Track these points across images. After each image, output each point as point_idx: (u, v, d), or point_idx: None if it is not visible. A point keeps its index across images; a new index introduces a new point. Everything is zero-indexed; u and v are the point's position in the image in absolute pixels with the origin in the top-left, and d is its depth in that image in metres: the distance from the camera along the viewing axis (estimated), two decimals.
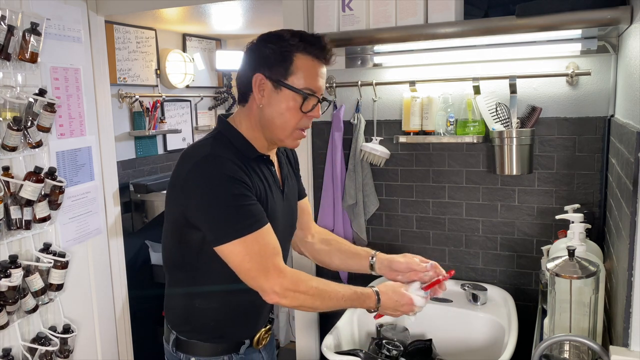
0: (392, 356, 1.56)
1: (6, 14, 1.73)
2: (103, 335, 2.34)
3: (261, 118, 1.25)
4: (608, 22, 1.42)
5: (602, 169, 1.73)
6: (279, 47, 1.20)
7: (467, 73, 1.83)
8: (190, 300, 1.32)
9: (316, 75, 1.23)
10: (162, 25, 3.21)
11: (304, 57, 1.21)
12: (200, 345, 1.33)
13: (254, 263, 1.17)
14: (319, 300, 1.22)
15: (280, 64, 1.20)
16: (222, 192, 1.16)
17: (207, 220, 1.19)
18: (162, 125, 3.25)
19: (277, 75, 1.20)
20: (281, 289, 1.17)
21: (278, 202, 1.33)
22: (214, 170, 1.17)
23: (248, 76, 1.23)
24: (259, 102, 1.23)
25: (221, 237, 1.17)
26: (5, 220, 1.77)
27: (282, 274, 1.18)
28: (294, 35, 1.21)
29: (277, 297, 1.17)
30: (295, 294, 1.19)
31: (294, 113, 1.23)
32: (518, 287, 1.91)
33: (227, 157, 1.19)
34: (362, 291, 1.29)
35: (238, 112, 1.31)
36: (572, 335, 1.14)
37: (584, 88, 1.74)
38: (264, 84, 1.22)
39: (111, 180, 2.42)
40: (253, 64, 1.23)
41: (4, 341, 1.82)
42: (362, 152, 2.00)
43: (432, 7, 1.66)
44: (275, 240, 1.22)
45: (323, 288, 1.22)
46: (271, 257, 1.18)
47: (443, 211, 2.00)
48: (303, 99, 1.22)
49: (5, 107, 1.76)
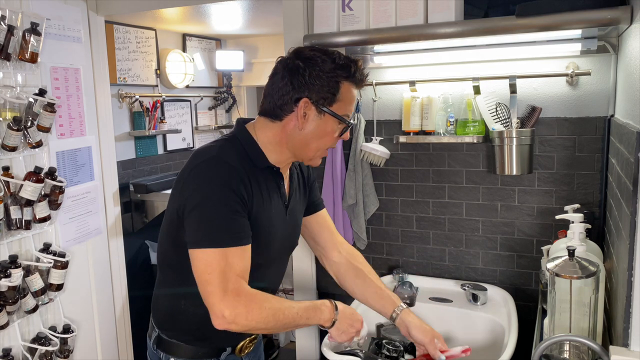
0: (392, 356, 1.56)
1: (6, 14, 1.73)
2: (103, 335, 2.34)
3: (296, 138, 1.25)
4: (608, 22, 1.42)
5: (602, 169, 1.73)
6: (327, 74, 1.20)
7: (467, 73, 1.84)
8: (177, 300, 1.31)
9: (353, 101, 1.27)
10: (162, 25, 3.21)
11: (348, 86, 1.23)
12: (181, 347, 1.33)
13: (214, 277, 1.13)
14: (272, 321, 1.17)
15: (328, 90, 1.21)
16: (213, 196, 1.15)
17: (190, 220, 1.17)
18: (162, 125, 3.25)
19: (324, 101, 1.21)
20: (232, 314, 1.12)
21: (278, 217, 1.31)
22: (213, 174, 1.16)
23: (291, 96, 1.21)
24: (300, 125, 1.23)
25: (195, 240, 1.15)
26: (5, 220, 1.77)
27: (237, 299, 1.13)
28: (337, 61, 1.22)
29: (224, 322, 1.13)
30: (247, 317, 1.14)
31: (331, 137, 1.26)
32: (518, 287, 1.91)
33: (231, 163, 1.18)
34: (315, 302, 1.27)
35: (262, 123, 1.28)
36: (572, 335, 1.14)
37: (584, 88, 1.74)
38: (308, 108, 1.21)
39: (111, 180, 2.42)
40: (298, 86, 1.20)
41: (4, 341, 1.82)
42: (362, 152, 2.00)
43: (432, 7, 1.66)
44: (247, 262, 1.18)
45: (277, 308, 1.18)
46: (235, 278, 1.14)
47: (443, 211, 2.00)
48: (343, 126, 1.26)
49: (5, 107, 1.77)
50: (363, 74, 1.26)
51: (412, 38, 1.69)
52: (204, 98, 3.67)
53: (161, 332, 1.35)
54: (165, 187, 2.98)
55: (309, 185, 1.48)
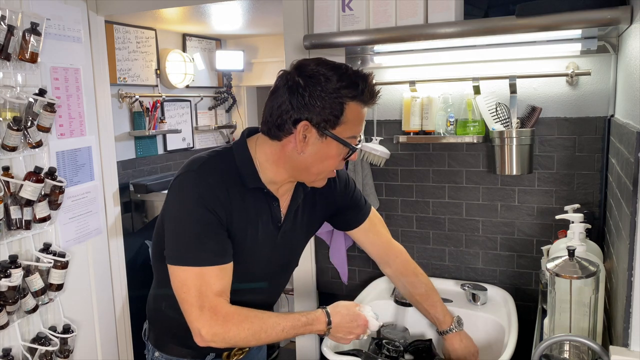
0: (392, 356, 1.56)
1: (6, 14, 1.73)
2: (103, 335, 2.34)
3: (295, 161, 1.16)
4: (608, 22, 1.42)
5: (602, 169, 1.73)
6: (330, 95, 1.08)
7: (467, 73, 1.83)
8: (160, 302, 1.33)
9: (362, 121, 1.16)
10: (162, 25, 3.21)
11: (355, 106, 1.11)
12: (166, 344, 1.34)
13: (191, 296, 1.10)
14: (254, 339, 1.14)
15: (330, 113, 1.09)
16: (190, 215, 1.11)
17: (168, 235, 1.15)
18: (162, 125, 3.25)
19: (325, 124, 1.10)
20: (208, 332, 1.10)
21: (267, 238, 1.24)
22: (191, 190, 1.12)
23: (289, 116, 1.11)
24: (300, 149, 1.13)
25: (172, 257, 1.13)
26: (5, 220, 1.77)
27: (215, 317, 1.10)
28: (342, 78, 1.09)
29: (202, 340, 1.11)
30: (224, 337, 1.11)
31: (334, 160, 1.16)
32: (518, 287, 1.91)
33: (210, 180, 1.13)
34: (307, 316, 1.19)
35: (262, 140, 1.20)
36: (572, 335, 1.14)
37: (584, 88, 1.74)
38: (308, 131, 1.11)
39: (111, 180, 2.42)
40: (297, 107, 1.10)
41: (4, 341, 1.82)
42: (362, 152, 2.00)
43: (432, 7, 1.66)
44: (226, 282, 1.14)
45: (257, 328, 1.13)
46: (212, 297, 1.10)
47: (443, 211, 2.00)
48: (348, 150, 1.15)
49: (5, 107, 1.77)
50: (373, 91, 1.13)
51: (412, 38, 1.69)
52: (204, 98, 3.67)
53: (149, 325, 1.39)
54: (165, 187, 2.97)
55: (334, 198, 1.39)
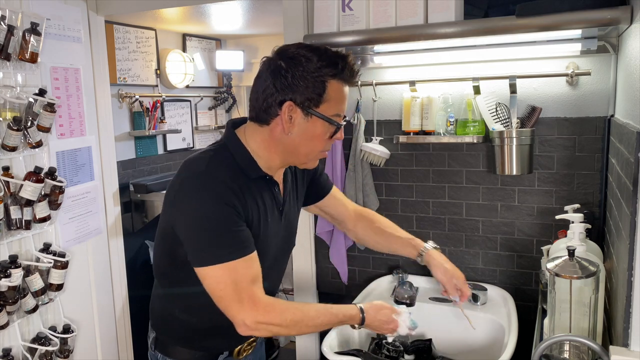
0: (392, 356, 1.56)
1: (6, 14, 1.73)
2: (103, 335, 2.34)
3: (284, 143, 1.20)
4: (608, 22, 1.42)
5: (602, 169, 1.73)
6: (311, 74, 1.13)
7: (467, 73, 1.83)
8: (171, 307, 1.31)
9: (344, 99, 1.21)
10: (162, 25, 3.21)
11: (335, 84, 1.16)
12: (177, 350, 1.33)
13: (228, 291, 1.13)
14: (294, 330, 1.21)
15: (313, 91, 1.14)
16: (210, 214, 1.12)
17: (190, 240, 1.16)
18: (162, 125, 3.25)
19: (309, 103, 1.15)
20: (252, 322, 1.13)
21: (274, 223, 1.29)
22: (205, 189, 1.13)
23: (275, 99, 1.15)
24: (286, 129, 1.17)
25: (201, 259, 1.14)
26: (5, 220, 1.77)
27: (256, 306, 1.14)
28: (323, 58, 1.15)
29: (247, 329, 1.14)
30: (267, 326, 1.15)
31: (321, 139, 1.20)
32: (518, 287, 1.91)
33: (222, 178, 1.15)
34: (344, 313, 1.27)
35: (251, 129, 1.24)
36: (572, 335, 1.14)
37: (584, 88, 1.74)
38: (293, 111, 1.16)
39: (111, 180, 2.42)
40: (281, 88, 1.14)
41: (4, 341, 1.82)
42: (362, 152, 2.00)
43: (432, 7, 1.66)
44: (256, 269, 1.17)
45: (299, 319, 1.19)
46: (247, 287, 1.14)
47: (443, 211, 2.00)
48: (334, 127, 1.20)
49: (5, 107, 1.77)
50: (353, 70, 1.18)
51: (412, 38, 1.69)
52: (204, 98, 3.67)
53: (157, 334, 1.36)
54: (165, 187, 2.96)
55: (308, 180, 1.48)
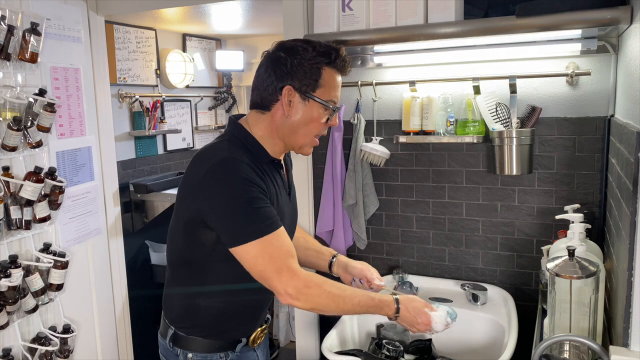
0: (392, 356, 1.56)
1: (6, 14, 1.73)
2: (103, 335, 2.34)
3: (284, 127, 1.30)
4: (608, 22, 1.42)
5: (602, 169, 1.73)
6: (308, 62, 1.25)
7: (467, 73, 1.83)
8: (193, 298, 1.34)
9: (338, 87, 1.32)
10: (162, 25, 3.21)
11: (329, 71, 1.28)
12: (198, 341, 1.36)
13: (267, 264, 1.20)
14: (333, 304, 1.25)
15: (310, 76, 1.26)
16: (239, 194, 1.19)
17: (223, 222, 1.22)
18: (162, 125, 3.25)
19: (306, 87, 1.26)
20: (294, 290, 1.20)
21: (285, 204, 1.38)
22: (231, 173, 1.20)
23: (275, 86, 1.27)
24: (286, 113, 1.28)
25: (237, 238, 1.20)
26: (5, 220, 1.77)
27: (296, 276, 1.21)
28: (318, 48, 1.27)
29: (290, 298, 1.20)
30: (308, 296, 1.21)
31: (317, 123, 1.31)
32: (518, 287, 1.91)
33: (244, 160, 1.23)
34: (380, 298, 1.32)
35: (254, 117, 1.34)
36: (572, 335, 1.14)
37: (584, 88, 1.74)
38: (292, 96, 1.27)
39: (111, 180, 2.42)
40: (281, 75, 1.26)
41: (4, 341, 1.82)
42: (362, 152, 2.00)
43: (432, 7, 1.66)
44: (289, 242, 1.25)
45: (337, 293, 1.25)
46: (285, 258, 1.21)
47: (443, 211, 2.00)
48: (330, 111, 1.31)
49: (5, 107, 1.77)
50: (345, 60, 1.30)
51: (412, 38, 1.69)
52: (204, 98, 3.67)
53: (177, 329, 1.38)
54: (165, 187, 2.98)
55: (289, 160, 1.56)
